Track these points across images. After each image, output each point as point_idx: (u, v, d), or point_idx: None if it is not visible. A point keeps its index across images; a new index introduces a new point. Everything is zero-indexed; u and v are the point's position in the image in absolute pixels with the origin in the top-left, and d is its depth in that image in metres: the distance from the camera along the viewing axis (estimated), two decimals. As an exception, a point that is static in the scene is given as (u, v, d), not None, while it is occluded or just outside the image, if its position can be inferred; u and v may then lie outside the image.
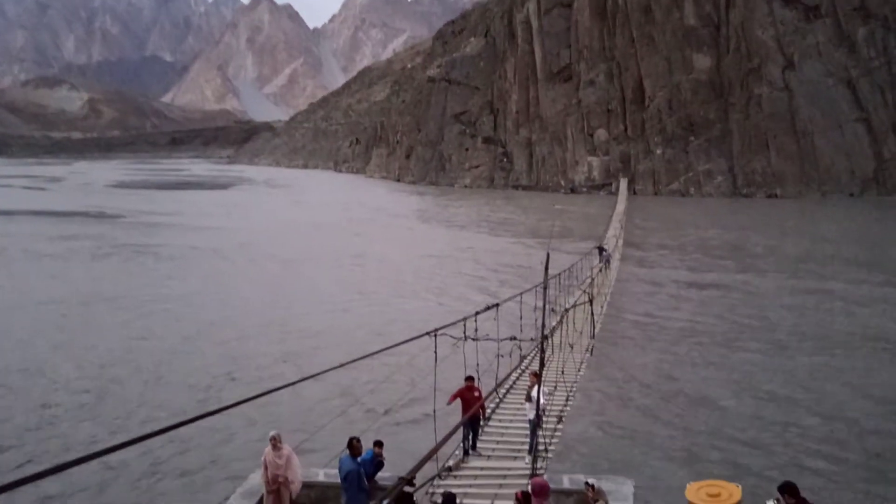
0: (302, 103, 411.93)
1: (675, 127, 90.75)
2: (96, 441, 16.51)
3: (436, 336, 10.43)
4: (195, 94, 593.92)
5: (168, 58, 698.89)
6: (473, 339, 12.66)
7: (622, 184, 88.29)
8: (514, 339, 14.67)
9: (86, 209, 78.88)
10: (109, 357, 23.52)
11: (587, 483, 9.21)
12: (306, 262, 44.35)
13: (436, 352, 10.59)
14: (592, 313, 20.76)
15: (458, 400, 12.39)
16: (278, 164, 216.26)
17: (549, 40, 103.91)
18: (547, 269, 11.51)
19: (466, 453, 12.28)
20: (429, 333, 10.36)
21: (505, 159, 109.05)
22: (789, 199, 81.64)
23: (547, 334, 12.33)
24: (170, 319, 29.00)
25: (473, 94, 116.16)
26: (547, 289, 11.18)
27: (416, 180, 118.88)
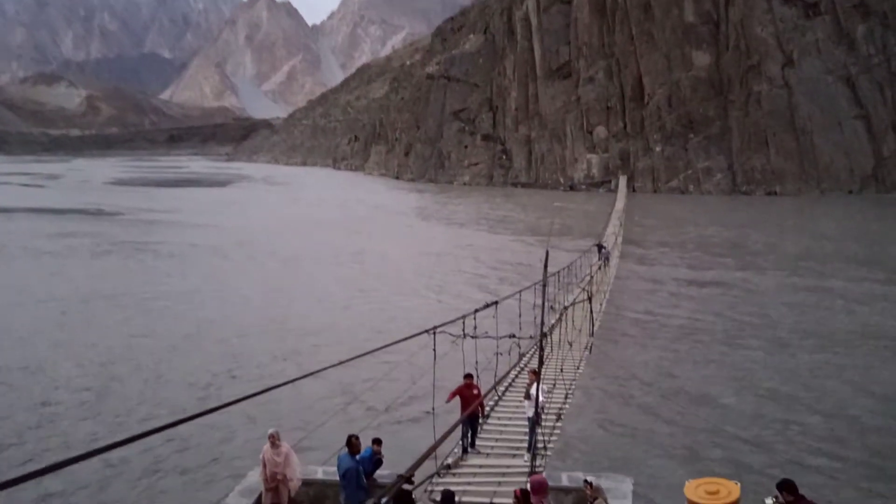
0: (301, 100, 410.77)
1: (674, 124, 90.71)
2: (97, 439, 16.50)
3: (435, 333, 10.44)
4: (194, 91, 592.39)
5: (166, 55, 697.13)
6: (473, 337, 12.68)
7: (621, 181, 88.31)
8: (514, 336, 14.69)
9: (84, 206, 78.82)
10: (109, 355, 23.52)
11: (586, 481, 9.20)
12: (306, 259, 44.34)
13: (435, 349, 10.61)
14: (591, 311, 20.79)
15: (457, 397, 12.37)
16: (277, 162, 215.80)
17: (548, 37, 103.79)
18: (546, 267, 11.50)
19: (465, 451, 12.26)
20: (428, 331, 10.37)
21: (504, 156, 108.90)
22: (788, 197, 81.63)
23: (546, 332, 12.34)
24: (169, 317, 29.00)
25: (472, 91, 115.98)
26: (546, 286, 11.19)
27: (415, 178, 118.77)
